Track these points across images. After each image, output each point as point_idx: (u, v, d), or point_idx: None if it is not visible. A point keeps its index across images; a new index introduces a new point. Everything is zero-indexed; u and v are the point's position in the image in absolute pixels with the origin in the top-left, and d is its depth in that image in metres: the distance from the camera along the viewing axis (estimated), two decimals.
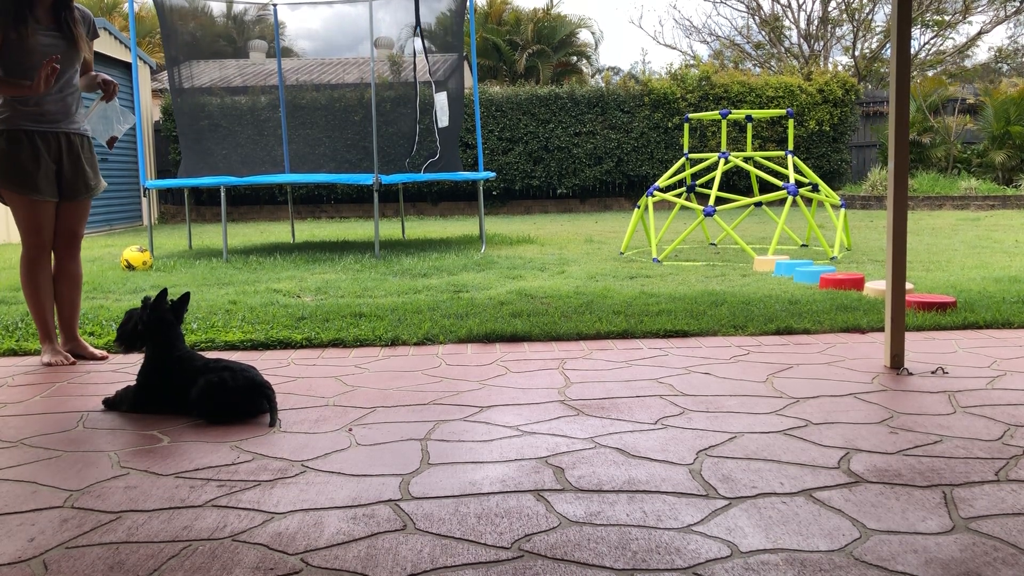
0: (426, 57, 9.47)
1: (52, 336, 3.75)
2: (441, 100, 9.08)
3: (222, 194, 8.20)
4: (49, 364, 3.65)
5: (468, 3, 9.63)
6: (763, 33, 26.22)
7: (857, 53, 24.31)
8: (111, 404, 2.95)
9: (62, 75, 3.61)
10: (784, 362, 3.43)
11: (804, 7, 30.58)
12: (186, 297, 3.01)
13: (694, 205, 7.57)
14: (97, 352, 3.81)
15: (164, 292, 2.98)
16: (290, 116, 11.06)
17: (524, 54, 24.09)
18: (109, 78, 3.74)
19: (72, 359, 3.71)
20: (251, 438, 2.57)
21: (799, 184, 8.06)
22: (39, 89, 3.42)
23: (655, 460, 2.29)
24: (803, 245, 8.24)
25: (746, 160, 10.08)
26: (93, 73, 3.79)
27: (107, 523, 1.95)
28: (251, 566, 1.72)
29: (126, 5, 13.57)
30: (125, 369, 3.53)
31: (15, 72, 3.52)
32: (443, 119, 9.09)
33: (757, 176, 8.34)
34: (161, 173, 15.51)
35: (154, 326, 2.92)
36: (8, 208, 3.69)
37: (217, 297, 5.30)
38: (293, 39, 24.09)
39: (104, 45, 13.57)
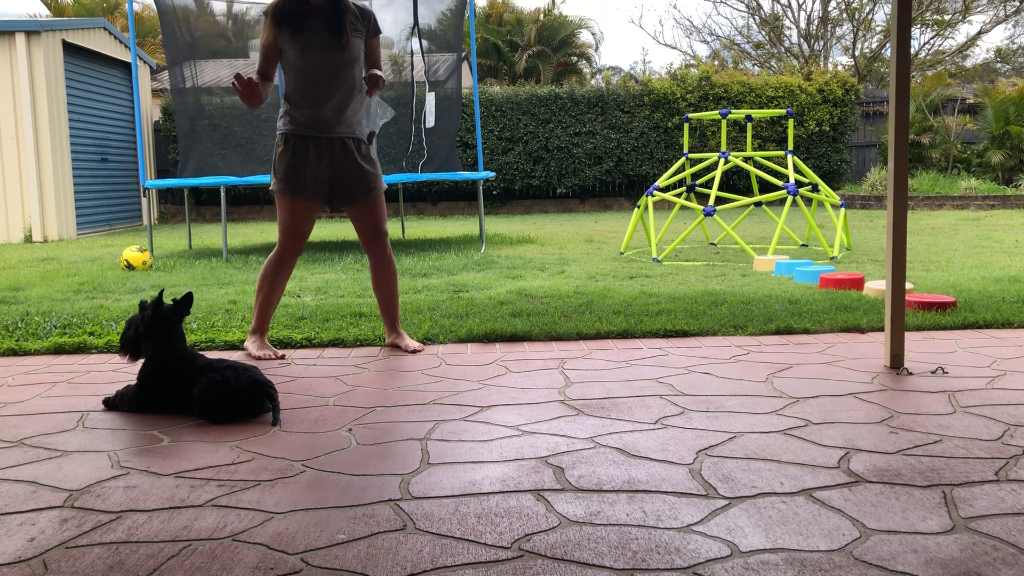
0: (423, 57, 9.47)
1: (265, 330, 3.79)
2: (430, 101, 9.08)
3: (222, 194, 8.20)
4: (258, 358, 3.68)
5: (468, 3, 9.63)
6: (763, 33, 26.22)
7: (857, 53, 24.31)
8: (111, 404, 2.95)
9: (334, 79, 3.57)
10: (784, 362, 3.44)
11: (804, 7, 30.60)
12: (189, 297, 3.01)
13: (694, 205, 7.57)
14: (413, 344, 3.82)
15: (162, 292, 2.99)
16: None
17: (524, 55, 24.09)
18: (377, 73, 3.58)
19: (281, 354, 3.74)
20: (251, 438, 2.57)
21: (799, 184, 8.06)
22: (245, 102, 3.46)
23: (655, 460, 2.29)
24: (803, 245, 8.24)
25: (746, 160, 10.09)
26: (368, 73, 3.63)
27: (107, 523, 1.95)
28: (251, 566, 1.72)
29: (126, 5, 13.56)
30: (125, 369, 3.53)
31: (292, 74, 3.58)
32: (430, 120, 9.11)
33: (757, 176, 8.34)
34: (161, 173, 15.50)
35: (155, 327, 2.91)
36: (7, 206, 3.69)
37: (217, 297, 5.30)
38: None
39: (104, 45, 13.57)
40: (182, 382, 2.83)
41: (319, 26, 3.56)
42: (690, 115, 8.70)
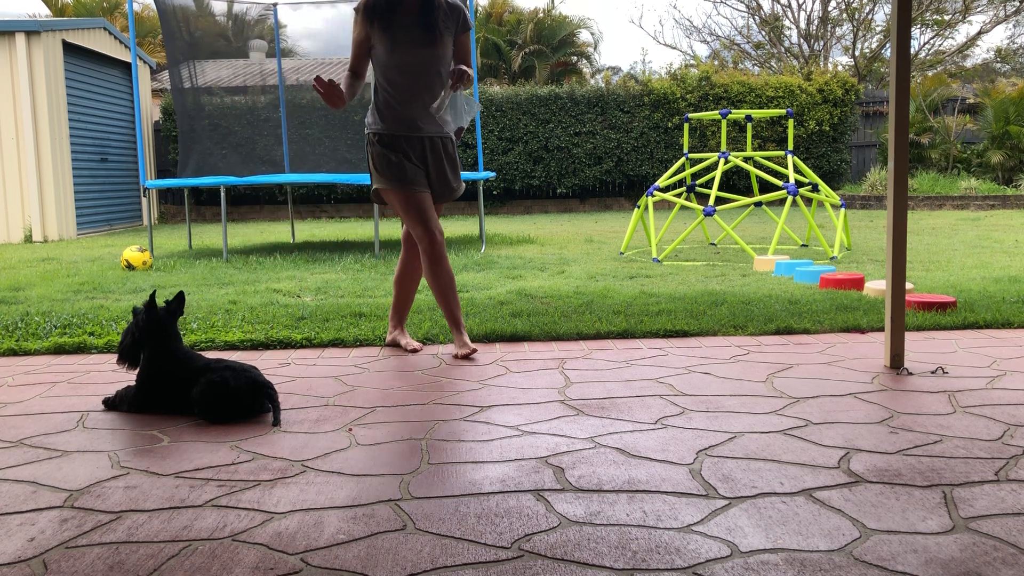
0: None
1: (457, 326, 3.72)
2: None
3: (222, 194, 8.20)
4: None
5: (469, 3, 9.64)
6: (763, 33, 26.22)
7: (857, 53, 24.31)
8: (111, 404, 2.95)
9: (424, 76, 3.52)
10: (784, 362, 3.43)
11: (804, 7, 30.58)
12: (180, 296, 3.00)
13: (694, 205, 7.57)
14: (414, 344, 3.83)
15: (154, 293, 2.98)
16: (290, 116, 11.06)
17: (521, 53, 24.07)
18: (464, 68, 3.46)
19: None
20: (251, 438, 2.57)
21: (799, 184, 8.06)
22: (328, 103, 3.43)
23: (655, 460, 2.29)
24: (803, 245, 8.24)
25: (746, 160, 10.09)
26: (454, 68, 3.50)
27: (107, 523, 1.95)
28: (251, 566, 1.72)
29: (126, 5, 13.56)
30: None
31: (381, 71, 3.54)
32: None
33: (757, 176, 8.34)
34: (161, 173, 15.50)
35: (149, 329, 2.91)
36: (7, 206, 3.69)
37: (217, 297, 5.30)
38: (295, 39, 24.11)
39: (104, 45, 13.57)
40: (180, 383, 2.83)
41: (410, 22, 3.48)
42: (690, 115, 8.70)
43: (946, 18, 24.08)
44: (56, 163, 11.85)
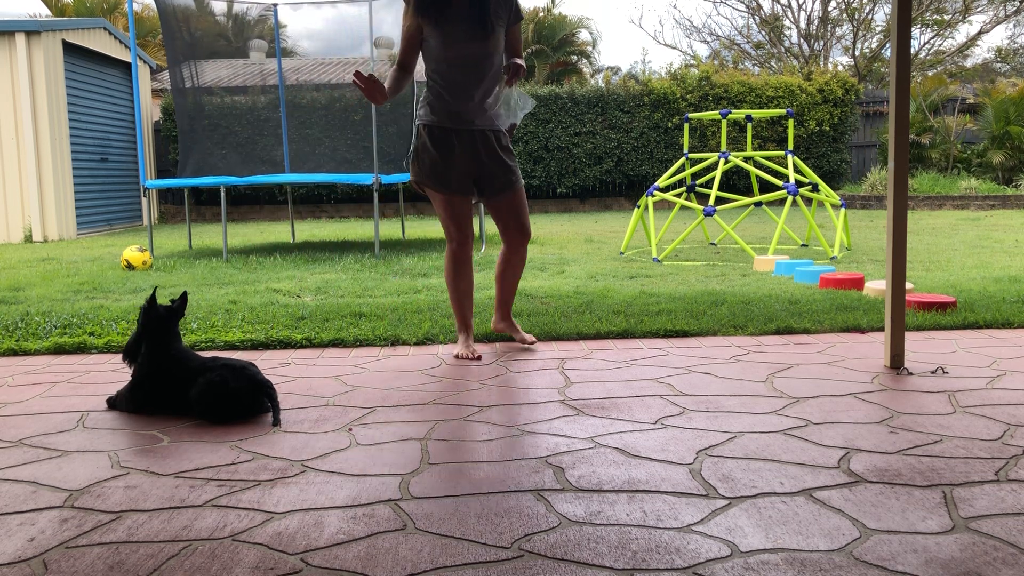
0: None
1: (466, 328, 3.71)
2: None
3: (222, 194, 8.20)
4: (457, 356, 3.62)
5: None
6: (763, 33, 26.22)
7: (857, 53, 24.31)
8: (112, 403, 2.95)
9: (477, 69, 3.44)
10: (784, 362, 3.43)
11: (804, 7, 30.59)
12: (184, 297, 3.01)
13: (694, 205, 7.57)
14: (528, 337, 3.80)
15: (155, 291, 3.00)
16: (290, 116, 11.06)
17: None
18: (518, 62, 3.39)
19: (479, 354, 3.61)
20: (251, 438, 2.57)
21: (799, 184, 8.06)
22: (369, 98, 3.40)
23: (655, 460, 2.29)
24: (803, 245, 8.24)
25: (746, 160, 10.09)
26: (507, 63, 3.44)
27: (107, 523, 1.95)
28: (251, 566, 1.72)
29: (126, 5, 13.56)
30: (125, 369, 3.52)
31: (433, 64, 3.48)
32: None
33: (757, 176, 8.34)
34: (161, 173, 15.50)
35: (149, 326, 2.91)
36: (7, 206, 3.69)
37: (217, 297, 5.30)
38: (295, 39, 24.08)
39: (104, 45, 13.57)
40: (176, 382, 2.83)
41: (462, 15, 3.41)
42: (690, 115, 8.70)
43: (946, 18, 24.09)
44: (56, 163, 11.85)
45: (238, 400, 2.76)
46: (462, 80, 3.46)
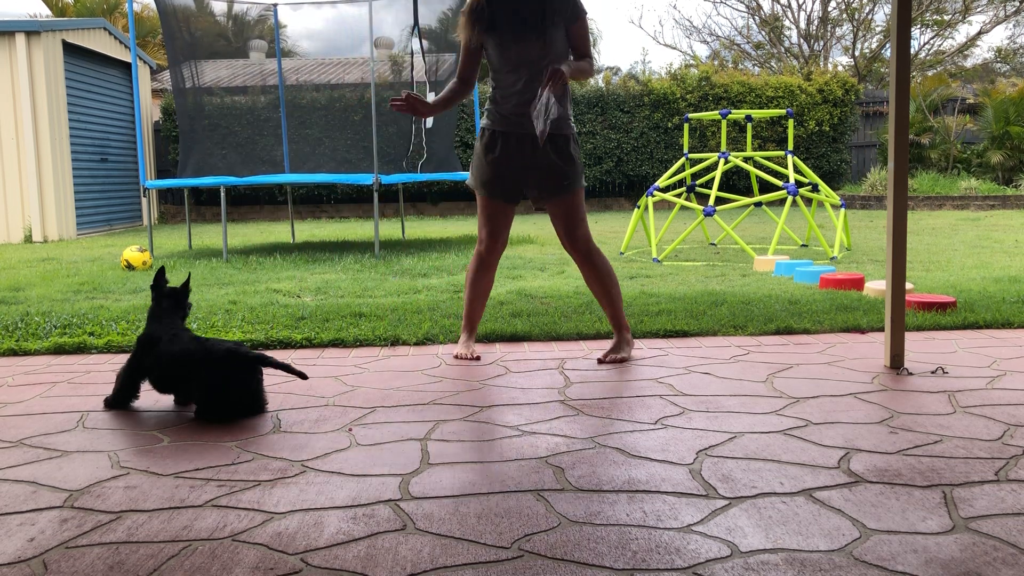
0: (423, 57, 9.47)
1: (471, 329, 3.72)
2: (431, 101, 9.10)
3: (222, 194, 8.20)
4: (456, 356, 3.63)
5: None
6: (763, 33, 26.22)
7: (857, 53, 24.31)
8: (109, 402, 2.96)
9: (530, 73, 3.37)
10: (784, 362, 3.43)
11: (804, 7, 30.57)
12: (187, 280, 3.11)
13: (694, 205, 7.57)
14: (631, 348, 3.65)
15: (163, 268, 3.11)
16: (290, 116, 11.07)
17: None
18: (558, 68, 3.24)
19: (477, 355, 3.60)
20: (251, 438, 2.57)
21: (799, 184, 8.06)
22: (412, 114, 3.46)
23: (655, 460, 2.29)
24: (803, 245, 8.24)
25: (746, 160, 10.09)
26: (554, 67, 3.28)
27: (107, 523, 1.95)
28: (251, 566, 1.72)
29: (126, 5, 13.57)
30: None
31: (492, 72, 3.48)
32: (430, 120, 9.10)
33: (757, 176, 8.34)
34: (161, 173, 15.50)
35: (153, 299, 3.01)
36: (7, 206, 3.70)
37: (217, 297, 5.30)
38: (295, 39, 24.07)
39: (104, 45, 13.57)
40: (168, 360, 2.83)
41: (514, 20, 3.39)
42: (690, 115, 8.70)
43: (946, 18, 24.09)
44: (56, 163, 11.84)
45: (238, 400, 2.78)
46: (516, 84, 3.44)
